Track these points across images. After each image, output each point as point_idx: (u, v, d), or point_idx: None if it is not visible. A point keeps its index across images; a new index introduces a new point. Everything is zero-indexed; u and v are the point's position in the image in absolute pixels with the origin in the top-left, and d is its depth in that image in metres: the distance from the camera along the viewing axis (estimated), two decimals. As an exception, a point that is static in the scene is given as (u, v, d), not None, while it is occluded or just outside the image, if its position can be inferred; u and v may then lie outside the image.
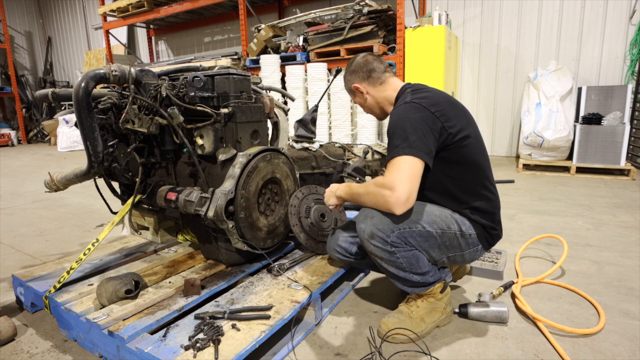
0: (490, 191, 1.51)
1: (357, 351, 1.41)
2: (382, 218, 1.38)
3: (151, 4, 7.11)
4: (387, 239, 1.37)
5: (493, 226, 1.50)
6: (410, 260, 1.41)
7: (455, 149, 1.42)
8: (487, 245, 1.53)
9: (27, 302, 1.73)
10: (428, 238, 1.41)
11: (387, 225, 1.37)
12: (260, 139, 1.84)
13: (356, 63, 1.64)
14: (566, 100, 4.46)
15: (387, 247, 1.38)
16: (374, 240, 1.38)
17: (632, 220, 2.80)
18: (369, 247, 1.42)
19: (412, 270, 1.42)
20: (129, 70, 1.63)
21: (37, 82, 11.64)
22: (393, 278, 1.48)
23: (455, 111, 1.46)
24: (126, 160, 1.93)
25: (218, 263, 1.83)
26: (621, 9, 4.72)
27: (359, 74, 1.63)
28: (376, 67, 1.61)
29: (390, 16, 5.05)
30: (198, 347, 1.20)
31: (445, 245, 1.44)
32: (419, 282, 1.45)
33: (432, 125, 1.36)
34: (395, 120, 1.40)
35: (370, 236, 1.39)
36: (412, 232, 1.38)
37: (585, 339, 1.46)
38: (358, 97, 1.67)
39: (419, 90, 1.50)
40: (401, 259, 1.40)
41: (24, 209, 3.58)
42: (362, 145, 2.91)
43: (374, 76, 1.61)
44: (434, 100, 1.43)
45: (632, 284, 1.87)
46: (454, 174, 1.45)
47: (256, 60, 5.78)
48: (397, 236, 1.37)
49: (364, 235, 1.41)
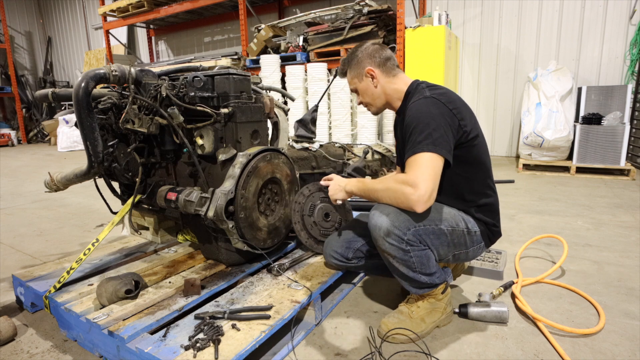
0: (493, 190, 1.55)
1: (357, 351, 1.41)
2: (399, 215, 1.35)
3: (151, 4, 7.11)
4: (403, 237, 1.35)
5: (494, 223, 1.53)
6: (422, 260, 1.41)
7: (468, 147, 1.43)
8: (488, 242, 1.55)
9: (27, 302, 1.73)
10: (440, 236, 1.42)
11: (404, 223, 1.35)
12: (260, 139, 1.84)
13: (373, 48, 1.55)
14: (566, 100, 4.46)
15: (402, 246, 1.36)
16: (390, 238, 1.35)
17: (632, 220, 2.80)
18: (384, 245, 1.38)
19: (421, 270, 1.42)
20: (129, 70, 1.63)
21: (37, 82, 11.64)
22: (401, 278, 1.47)
23: (466, 110, 1.48)
24: (126, 160, 1.93)
25: (218, 263, 1.83)
26: (621, 9, 4.72)
27: (376, 59, 1.54)
28: (391, 56, 1.56)
29: (390, 16, 5.05)
30: (198, 347, 1.20)
31: (453, 242, 1.46)
32: (426, 282, 1.45)
33: (451, 122, 1.37)
34: (416, 114, 1.37)
35: (386, 234, 1.35)
36: (426, 230, 1.39)
37: (585, 339, 1.46)
38: (365, 83, 1.57)
39: (435, 87, 1.49)
40: (414, 258, 1.39)
41: (24, 209, 3.58)
42: (362, 145, 2.91)
43: (389, 65, 1.55)
44: (450, 98, 1.43)
45: (632, 284, 1.87)
46: (465, 173, 1.47)
47: (256, 60, 5.78)
48: (414, 234, 1.36)
49: (380, 233, 1.36)
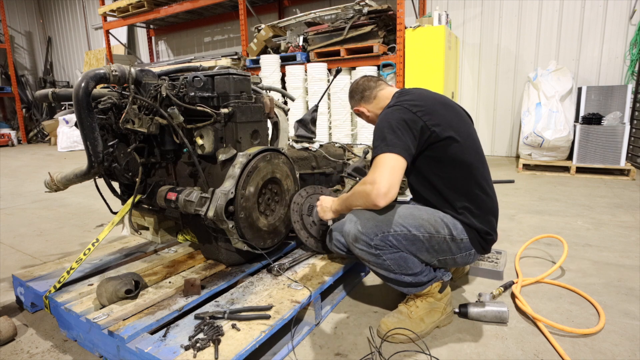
0: (486, 192, 1.48)
1: (357, 351, 1.42)
2: (366, 222, 1.40)
3: (151, 4, 7.11)
4: (370, 242, 1.39)
5: (488, 231, 1.47)
6: (398, 262, 1.41)
7: (442, 147, 1.43)
8: (481, 249, 1.50)
9: (27, 302, 1.73)
10: (414, 241, 1.41)
11: (370, 228, 1.39)
12: (260, 139, 1.84)
13: (351, 90, 1.80)
14: (566, 100, 4.46)
15: (371, 250, 1.40)
16: (358, 244, 1.42)
17: (632, 220, 2.80)
18: (355, 251, 1.46)
19: (402, 271, 1.43)
20: (129, 70, 1.63)
21: (37, 82, 11.64)
22: (386, 280, 1.50)
23: (444, 110, 1.48)
24: (126, 160, 1.93)
25: (218, 263, 1.83)
26: (621, 9, 4.72)
27: (355, 98, 1.78)
28: (367, 87, 1.73)
29: (390, 16, 5.05)
30: (198, 347, 1.20)
31: (434, 249, 1.44)
32: (412, 282, 1.46)
33: (412, 124, 1.40)
34: (376, 125, 1.47)
35: (354, 239, 1.42)
36: (396, 234, 1.39)
37: (585, 339, 1.46)
38: (363, 116, 1.81)
39: (404, 94, 1.58)
40: (388, 261, 1.41)
41: (24, 209, 3.58)
42: (362, 145, 2.91)
43: (367, 95, 1.73)
44: (416, 101, 1.47)
45: (632, 284, 1.87)
46: (443, 173, 1.46)
47: (256, 60, 5.79)
48: (381, 239, 1.39)
49: (349, 239, 1.45)
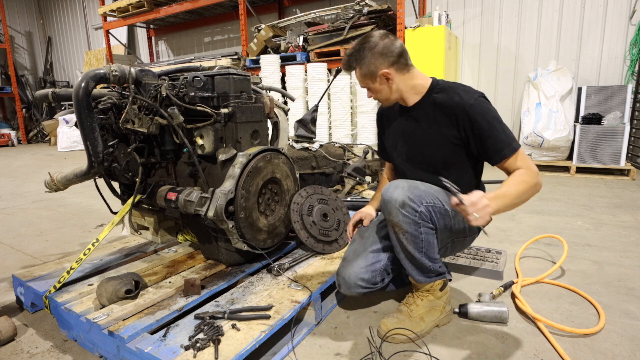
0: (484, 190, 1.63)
1: (357, 351, 1.42)
2: (413, 189, 1.40)
3: (151, 4, 7.11)
4: (417, 208, 1.38)
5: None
6: (429, 239, 1.43)
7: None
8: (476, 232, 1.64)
9: (27, 302, 1.73)
10: (445, 216, 1.46)
11: (417, 196, 1.39)
12: (260, 139, 1.84)
13: (383, 44, 1.39)
14: (566, 100, 4.46)
15: (415, 218, 1.38)
16: (405, 210, 1.37)
17: (632, 220, 2.80)
18: (397, 217, 1.38)
19: (427, 252, 1.44)
20: (129, 70, 1.63)
21: (37, 82, 11.64)
22: (409, 260, 1.46)
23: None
24: (126, 160, 1.93)
25: (218, 263, 1.83)
26: (621, 9, 4.72)
27: (389, 57, 1.40)
28: (403, 50, 1.43)
29: (390, 16, 5.06)
30: (198, 347, 1.20)
31: (455, 227, 1.51)
32: (430, 268, 1.47)
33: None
34: (490, 113, 1.42)
35: (401, 205, 1.37)
36: (435, 207, 1.42)
37: (585, 339, 1.46)
38: (380, 84, 1.45)
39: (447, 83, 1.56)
40: (423, 235, 1.41)
41: (24, 209, 3.58)
42: (362, 145, 2.91)
43: (403, 62, 1.43)
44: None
45: (632, 284, 1.87)
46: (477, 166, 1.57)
47: (256, 60, 5.78)
48: (426, 208, 1.40)
49: (395, 204, 1.37)
